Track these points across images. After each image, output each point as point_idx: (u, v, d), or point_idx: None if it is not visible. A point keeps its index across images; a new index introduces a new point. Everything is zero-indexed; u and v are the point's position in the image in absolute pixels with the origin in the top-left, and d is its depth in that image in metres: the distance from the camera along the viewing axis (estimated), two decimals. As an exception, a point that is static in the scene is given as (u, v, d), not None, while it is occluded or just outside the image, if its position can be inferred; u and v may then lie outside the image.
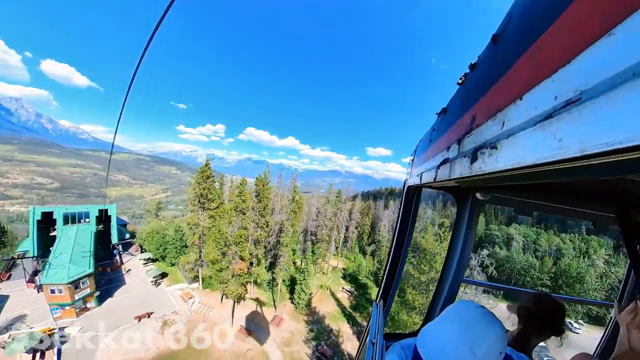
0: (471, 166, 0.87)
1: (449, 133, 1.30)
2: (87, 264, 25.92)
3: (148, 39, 2.74)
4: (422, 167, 1.86)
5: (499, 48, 0.83)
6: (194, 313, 27.65)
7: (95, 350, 20.20)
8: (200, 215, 32.97)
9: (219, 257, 25.63)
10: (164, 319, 25.21)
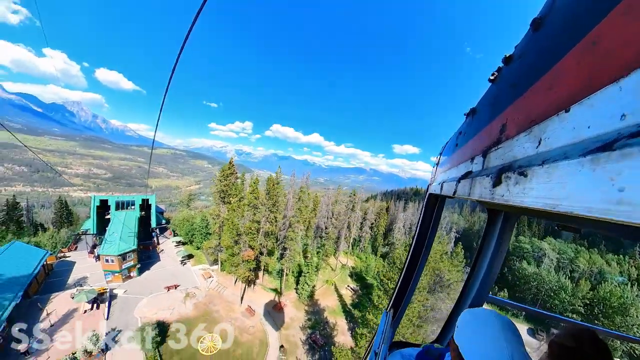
0: (493, 190, 0.71)
1: (475, 140, 1.14)
2: (132, 242, 32.48)
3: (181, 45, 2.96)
4: (445, 175, 1.72)
5: (541, 36, 0.64)
6: (211, 290, 33.04)
7: (135, 307, 26.20)
8: (221, 207, 38.56)
9: (232, 244, 30.61)
10: (187, 291, 30.80)
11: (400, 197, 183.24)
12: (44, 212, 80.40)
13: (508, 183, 0.61)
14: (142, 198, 46.34)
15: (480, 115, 1.17)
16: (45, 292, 26.71)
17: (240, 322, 28.76)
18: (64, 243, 39.64)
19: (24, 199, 56.69)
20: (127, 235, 32.95)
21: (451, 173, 1.51)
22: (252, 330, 27.94)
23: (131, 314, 25.19)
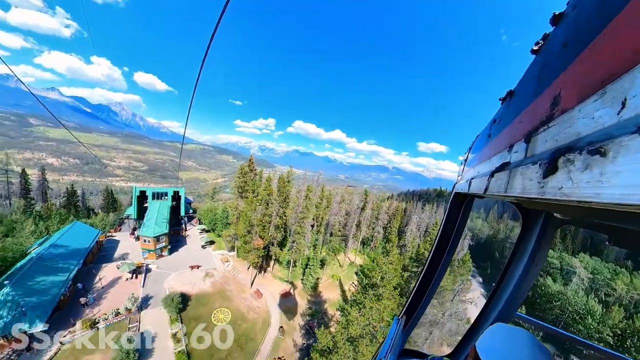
0: (543, 182, 0.53)
1: (514, 125, 0.94)
2: (164, 227, 38.40)
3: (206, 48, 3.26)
4: (474, 171, 1.49)
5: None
6: (227, 272, 37.98)
7: (164, 280, 31.73)
8: (239, 201, 43.50)
9: (245, 234, 35.16)
10: (207, 271, 35.96)
11: (422, 199, 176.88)
12: (93, 199, 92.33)
13: (570, 169, 0.44)
14: (173, 190, 52.92)
15: (520, 96, 0.99)
16: (98, 262, 33.32)
17: (249, 302, 33.20)
18: (111, 225, 47.34)
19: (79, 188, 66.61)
20: (160, 221, 38.97)
21: (482, 168, 1.27)
22: (257, 310, 32.22)
23: (161, 285, 30.69)
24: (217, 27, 2.87)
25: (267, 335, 28.56)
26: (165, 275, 32.84)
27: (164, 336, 23.84)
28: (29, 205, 43.43)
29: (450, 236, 2.11)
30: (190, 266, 35.77)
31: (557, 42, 0.71)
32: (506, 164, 0.90)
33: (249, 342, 26.49)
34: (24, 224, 34.76)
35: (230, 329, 25.95)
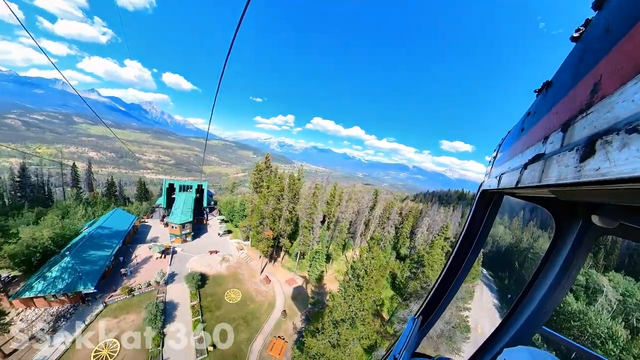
0: (580, 165, 0.55)
1: (550, 116, 0.92)
2: (189, 216, 43.57)
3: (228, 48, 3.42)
4: (504, 167, 1.39)
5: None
6: (241, 258, 42.38)
7: (187, 261, 36.66)
8: (254, 195, 47.74)
9: (257, 225, 39.20)
10: (223, 256, 40.55)
11: (442, 200, 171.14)
12: (128, 189, 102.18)
13: (607, 150, 0.46)
14: (197, 184, 58.54)
15: (558, 85, 0.97)
16: (134, 243, 39.10)
17: (258, 286, 37.19)
18: (144, 212, 53.94)
19: (115, 179, 74.85)
20: (186, 211, 44.22)
21: (514, 162, 1.20)
22: (265, 294, 36.09)
23: (185, 265, 35.61)
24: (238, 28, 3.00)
25: (271, 316, 32.05)
26: (188, 257, 37.86)
27: (185, 307, 28.42)
28: (78, 194, 50.83)
29: (475, 236, 2.01)
30: (209, 251, 40.57)
31: (599, 27, 0.69)
32: (540, 154, 0.87)
33: (254, 320, 30.33)
34: (76, 209, 41.41)
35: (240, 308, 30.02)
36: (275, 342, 27.31)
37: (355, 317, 20.95)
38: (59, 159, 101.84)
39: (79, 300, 26.23)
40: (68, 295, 25.57)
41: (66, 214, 40.59)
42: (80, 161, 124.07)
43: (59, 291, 24.61)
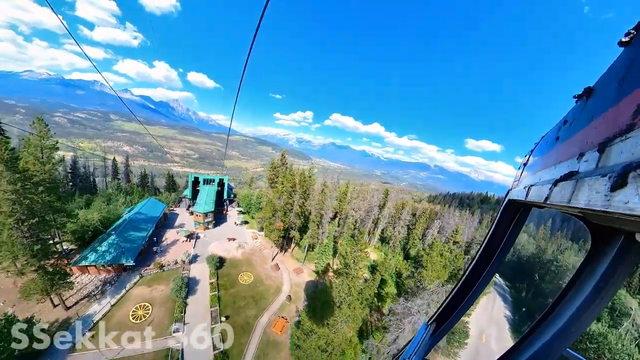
0: (610, 195, 0.51)
1: (588, 130, 0.84)
2: (211, 206, 48.77)
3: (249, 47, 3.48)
4: (534, 178, 1.29)
5: None
6: (255, 247, 46.86)
7: (208, 245, 41.68)
8: (269, 190, 51.98)
9: (270, 217, 43.30)
10: (239, 243, 45.22)
11: (462, 203, 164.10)
12: (157, 180, 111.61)
13: (639, 185, 0.42)
14: (219, 178, 64.04)
15: (600, 96, 0.85)
16: (164, 227, 44.96)
17: (268, 272, 41.26)
18: (172, 202, 60.34)
19: (147, 171, 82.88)
20: (209, 202, 49.50)
21: (545, 175, 1.13)
22: (273, 279, 40.05)
23: (206, 248, 40.62)
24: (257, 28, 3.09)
25: (277, 299, 35.66)
26: (209, 242, 42.95)
27: (204, 283, 33.17)
28: (119, 184, 58.11)
29: (497, 248, 1.89)
30: (227, 238, 45.45)
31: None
32: (573, 172, 0.81)
33: (262, 300, 34.29)
34: (117, 197, 48.03)
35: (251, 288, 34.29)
36: (278, 321, 30.92)
37: (343, 301, 24.09)
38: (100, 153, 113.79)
39: (121, 271, 31.78)
40: (113, 266, 31.14)
41: (109, 201, 47.27)
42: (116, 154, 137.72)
43: (106, 262, 30.17)
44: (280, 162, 54.06)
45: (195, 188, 58.42)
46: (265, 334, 28.98)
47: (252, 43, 3.59)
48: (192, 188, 57.76)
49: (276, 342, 28.06)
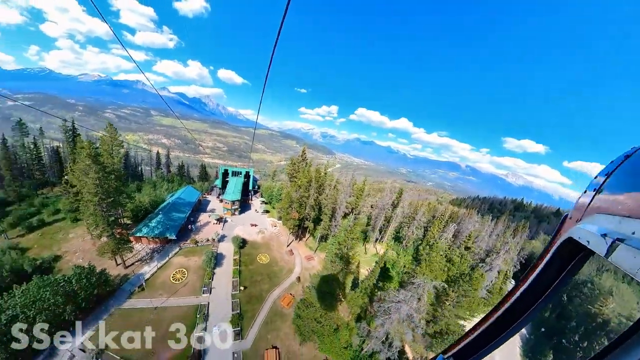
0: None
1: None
2: (238, 195, 55.67)
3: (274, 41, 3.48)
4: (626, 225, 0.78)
5: None
6: (273, 233, 52.88)
7: (234, 228, 48.49)
8: (289, 183, 57.59)
9: (287, 207, 48.84)
10: (260, 229, 51.54)
11: (492, 209, 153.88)
12: (192, 170, 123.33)
13: None
14: (245, 170, 71.17)
15: None
16: (198, 211, 52.72)
17: (283, 255, 46.91)
18: (205, 190, 68.65)
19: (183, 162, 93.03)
20: (236, 191, 56.46)
21: (614, 224, 0.80)
22: (287, 262, 45.56)
23: (232, 231, 47.40)
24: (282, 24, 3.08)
25: (288, 279, 40.98)
26: (235, 226, 49.80)
27: (229, 258, 39.65)
28: (162, 174, 67.54)
29: (546, 287, 1.53)
30: (250, 224, 51.96)
31: None
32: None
33: (275, 278, 39.87)
34: (161, 184, 56.66)
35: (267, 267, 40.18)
36: (287, 296, 36.10)
37: (341, 286, 28.53)
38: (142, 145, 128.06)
39: (165, 243, 39.27)
40: (159, 239, 38.66)
41: (155, 187, 56.07)
42: (155, 146, 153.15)
43: (155, 235, 37.67)
44: (301, 158, 59.21)
45: (225, 179, 65.97)
46: (274, 305, 34.48)
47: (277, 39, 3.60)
48: (222, 179, 65.40)
49: (282, 314, 33.38)
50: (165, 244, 39.33)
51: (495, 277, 48.87)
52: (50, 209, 45.91)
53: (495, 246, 57.80)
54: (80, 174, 28.23)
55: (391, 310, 27.42)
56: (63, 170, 59.15)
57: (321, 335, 29.55)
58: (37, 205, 46.51)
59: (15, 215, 41.88)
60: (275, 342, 29.13)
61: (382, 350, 26.05)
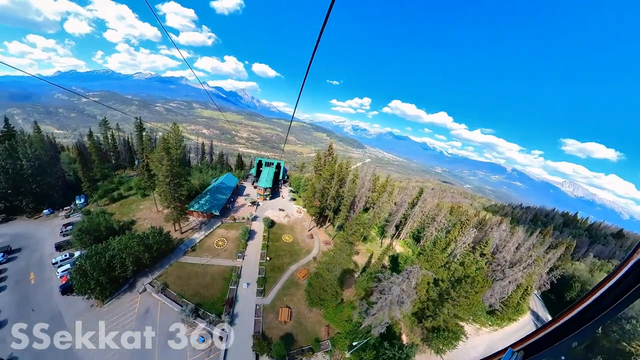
0: None
1: None
2: (270, 183, 63.88)
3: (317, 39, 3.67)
4: None
5: None
6: (297, 218, 60.12)
7: (265, 211, 56.74)
8: (314, 175, 64.19)
9: (310, 196, 55.52)
10: (287, 214, 59.15)
11: (536, 221, 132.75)
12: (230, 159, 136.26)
13: None
14: (277, 162, 79.24)
15: None
16: (236, 194, 61.92)
17: (304, 238, 53.74)
18: (241, 177, 78.45)
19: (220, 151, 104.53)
20: (268, 180, 64.68)
21: None
22: (307, 244, 52.34)
23: (263, 213, 55.75)
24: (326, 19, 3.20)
25: (306, 257, 47.69)
26: (265, 209, 58.11)
27: (259, 235, 47.69)
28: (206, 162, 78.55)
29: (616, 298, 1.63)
30: (279, 208, 59.81)
31: None
32: None
33: (295, 255, 46.85)
34: (207, 170, 66.92)
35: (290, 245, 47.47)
36: (303, 270, 42.79)
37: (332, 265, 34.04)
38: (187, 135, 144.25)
39: (211, 217, 48.51)
40: (206, 214, 47.92)
41: (201, 172, 66.48)
42: (197, 136, 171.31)
43: (203, 210, 46.98)
44: (327, 152, 65.08)
45: (259, 168, 74.79)
46: (292, 276, 41.45)
47: (320, 34, 3.67)
48: (256, 168, 74.31)
49: (297, 283, 40.21)
50: (211, 218, 48.56)
51: (513, 290, 46.95)
52: (125, 186, 58.33)
53: (521, 259, 55.02)
54: (156, 162, 37.59)
55: (385, 290, 31.10)
56: (132, 156, 72.70)
57: (327, 305, 35.63)
58: (115, 183, 59.25)
59: (102, 189, 54.45)
60: (289, 303, 36.12)
61: (376, 326, 30.92)
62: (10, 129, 52.89)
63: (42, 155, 47.45)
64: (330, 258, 35.23)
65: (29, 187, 45.01)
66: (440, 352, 35.75)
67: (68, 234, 41.27)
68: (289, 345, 30.30)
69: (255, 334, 30.49)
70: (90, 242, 36.25)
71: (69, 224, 43.90)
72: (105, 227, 39.88)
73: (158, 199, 41.95)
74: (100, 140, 68.01)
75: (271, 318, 33.38)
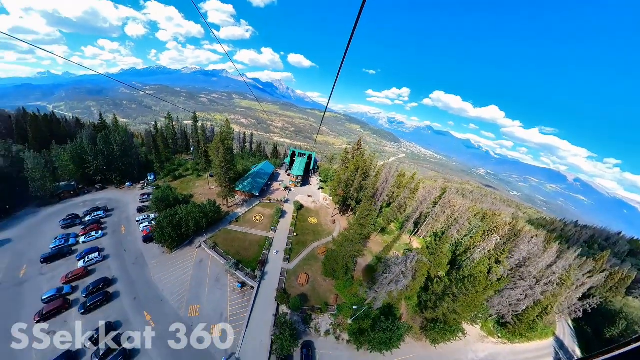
0: None
1: None
2: (301, 172, 71.88)
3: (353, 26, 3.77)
4: None
5: None
6: (324, 205, 67.16)
7: (295, 195, 64.99)
8: (342, 167, 70.36)
9: (336, 186, 61.94)
10: (314, 200, 66.59)
11: (592, 243, 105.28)
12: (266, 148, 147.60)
13: None
14: (309, 153, 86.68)
15: None
16: (272, 180, 71.13)
17: (327, 222, 60.63)
18: (277, 165, 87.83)
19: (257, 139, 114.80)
20: (300, 168, 72.65)
21: None
22: (329, 227, 59.06)
23: (294, 197, 63.95)
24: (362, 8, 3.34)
25: (327, 238, 54.45)
26: (296, 194, 66.44)
27: (289, 215, 55.87)
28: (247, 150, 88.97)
29: None
30: (307, 195, 67.56)
31: None
32: None
33: (318, 235, 54.03)
34: (248, 157, 76.83)
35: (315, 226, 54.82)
36: (323, 247, 49.73)
37: (346, 242, 39.95)
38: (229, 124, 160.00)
39: (251, 197, 57.83)
40: (248, 193, 57.27)
41: (243, 159, 76.56)
42: (236, 125, 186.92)
43: (245, 190, 56.44)
44: (356, 146, 70.33)
45: (292, 158, 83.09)
46: (313, 251, 48.76)
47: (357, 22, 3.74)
48: (290, 157, 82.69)
49: (317, 257, 47.37)
50: (251, 197, 57.92)
51: (530, 305, 44.55)
52: (183, 167, 70.60)
53: (545, 275, 47.79)
54: (214, 150, 47.13)
55: (387, 270, 35.70)
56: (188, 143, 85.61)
57: (338, 276, 42.15)
58: (175, 165, 71.77)
59: (167, 169, 67.08)
60: (308, 271, 43.55)
61: (376, 300, 36.61)
62: (103, 121, 67.39)
63: (125, 141, 60.43)
64: (344, 237, 41.61)
65: (117, 165, 58.28)
66: (435, 342, 38.18)
67: (145, 201, 53.74)
68: (303, 302, 37.75)
69: (279, 289, 38.64)
70: (163, 208, 47.22)
71: (144, 194, 56.32)
72: (172, 198, 50.94)
73: (211, 179, 52.10)
74: (164, 129, 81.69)
75: (292, 280, 41.23)
